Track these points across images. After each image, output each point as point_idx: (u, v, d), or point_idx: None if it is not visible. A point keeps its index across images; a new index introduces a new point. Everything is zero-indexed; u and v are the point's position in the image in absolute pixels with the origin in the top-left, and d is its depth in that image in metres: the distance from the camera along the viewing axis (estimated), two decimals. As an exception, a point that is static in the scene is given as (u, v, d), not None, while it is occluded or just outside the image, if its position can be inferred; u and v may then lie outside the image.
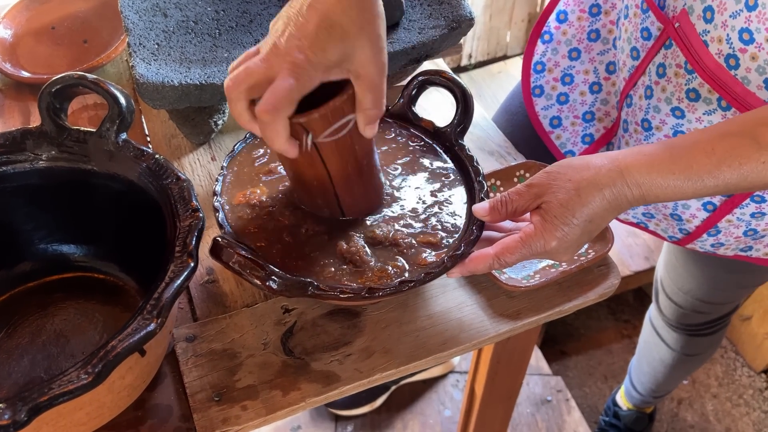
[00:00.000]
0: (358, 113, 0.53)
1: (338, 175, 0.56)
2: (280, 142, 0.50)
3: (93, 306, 0.64)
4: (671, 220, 0.79)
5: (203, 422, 0.56)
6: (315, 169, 0.56)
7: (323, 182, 0.57)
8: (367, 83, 0.51)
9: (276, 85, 0.48)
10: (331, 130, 0.52)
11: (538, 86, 0.88)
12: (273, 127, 0.49)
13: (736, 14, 0.59)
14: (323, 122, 0.51)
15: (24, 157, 0.60)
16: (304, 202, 0.61)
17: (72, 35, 0.93)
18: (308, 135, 0.51)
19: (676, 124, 0.70)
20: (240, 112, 0.50)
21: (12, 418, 0.41)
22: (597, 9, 0.82)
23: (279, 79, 0.48)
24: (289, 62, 0.48)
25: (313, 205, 0.60)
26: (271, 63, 0.48)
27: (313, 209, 0.60)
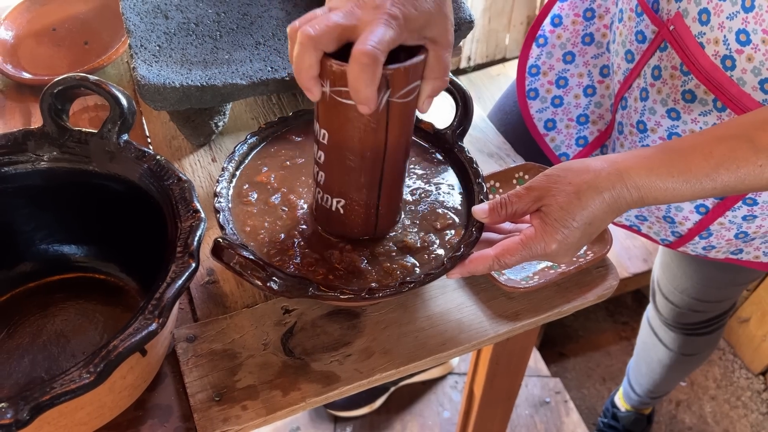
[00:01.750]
0: (425, 81, 0.52)
1: (392, 148, 0.54)
2: (371, 90, 0.47)
3: (94, 306, 0.64)
4: (664, 223, 0.80)
5: (203, 422, 0.56)
6: (375, 136, 0.52)
7: (377, 155, 0.54)
8: (441, 52, 0.51)
9: (375, 31, 0.46)
10: (406, 91, 0.50)
11: (532, 89, 0.88)
12: (371, 71, 0.46)
13: (733, 16, 0.60)
14: (404, 79, 0.49)
15: (25, 158, 0.60)
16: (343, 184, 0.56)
17: (73, 37, 0.93)
18: (387, 91, 0.49)
19: (671, 126, 0.70)
20: (312, 63, 0.47)
21: (14, 417, 0.42)
22: (591, 13, 0.82)
23: (374, 26, 0.46)
24: (384, 13, 0.46)
25: (352, 186, 0.56)
26: (360, 16, 0.47)
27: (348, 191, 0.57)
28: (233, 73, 0.69)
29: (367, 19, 0.47)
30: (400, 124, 0.53)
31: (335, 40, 0.47)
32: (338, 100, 0.50)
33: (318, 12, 0.48)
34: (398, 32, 0.47)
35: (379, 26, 0.46)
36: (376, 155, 0.54)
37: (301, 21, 0.48)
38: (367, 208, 0.58)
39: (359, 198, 0.57)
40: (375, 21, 0.46)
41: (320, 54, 0.47)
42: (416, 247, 0.60)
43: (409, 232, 0.61)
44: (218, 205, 0.59)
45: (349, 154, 0.54)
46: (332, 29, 0.46)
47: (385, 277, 0.57)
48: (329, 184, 0.57)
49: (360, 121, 0.51)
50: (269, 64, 0.71)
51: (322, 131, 0.54)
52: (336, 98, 0.50)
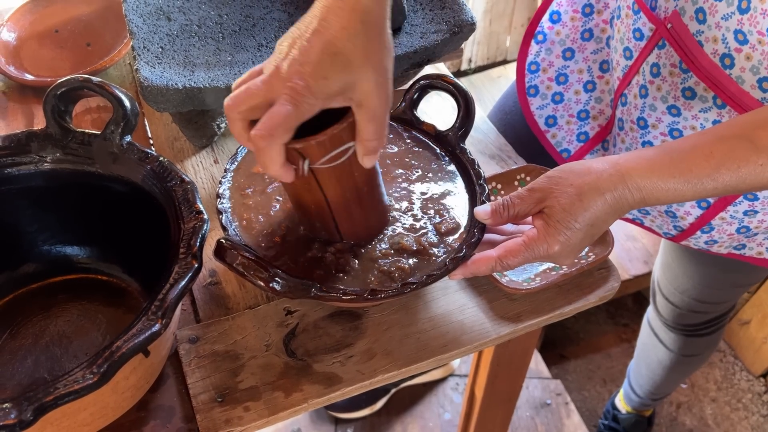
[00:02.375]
0: (357, 143, 0.51)
1: (336, 200, 0.56)
2: (275, 168, 0.49)
3: (96, 307, 0.64)
4: (666, 217, 0.80)
5: (206, 423, 0.56)
6: (312, 195, 0.55)
7: (320, 207, 0.56)
8: (369, 114, 0.49)
9: (273, 111, 0.46)
10: (329, 157, 0.51)
11: (532, 86, 0.89)
12: (267, 153, 0.48)
13: (728, 16, 0.60)
14: (321, 149, 0.50)
15: (29, 159, 0.60)
16: (303, 224, 0.60)
17: (75, 38, 0.94)
18: (305, 161, 0.50)
19: (672, 122, 0.71)
20: (239, 132, 0.49)
21: (18, 417, 0.42)
22: (590, 9, 0.83)
23: (278, 104, 0.46)
24: (290, 88, 0.46)
25: (312, 228, 0.60)
26: (272, 86, 0.47)
27: (312, 232, 0.60)
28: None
29: (277, 92, 0.47)
30: (335, 182, 0.54)
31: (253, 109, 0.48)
32: None
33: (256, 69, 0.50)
34: (303, 107, 0.47)
35: (280, 104, 0.46)
36: (320, 208, 0.57)
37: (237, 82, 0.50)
38: (331, 238, 0.60)
39: (320, 234, 0.60)
40: (281, 96, 0.46)
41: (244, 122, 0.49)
42: (414, 249, 0.60)
43: (408, 234, 0.61)
44: (221, 206, 0.60)
45: (297, 205, 0.59)
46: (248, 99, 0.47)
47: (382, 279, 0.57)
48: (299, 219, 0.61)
49: (294, 184, 0.54)
50: (271, 66, 0.72)
51: None
52: None
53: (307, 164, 0.51)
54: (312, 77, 0.46)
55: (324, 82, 0.47)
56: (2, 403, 0.42)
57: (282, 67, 0.47)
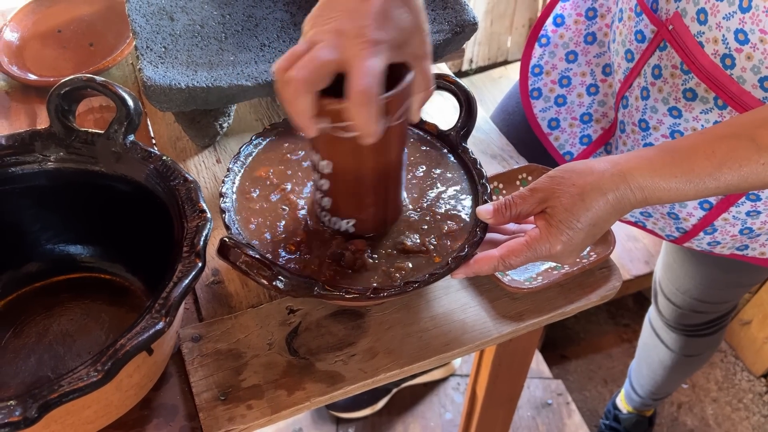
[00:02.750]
0: (414, 95, 0.53)
1: (394, 165, 0.56)
2: (375, 125, 0.47)
3: (99, 306, 0.64)
4: (668, 219, 0.80)
5: (209, 421, 0.56)
6: (379, 159, 0.54)
7: (382, 175, 0.56)
8: (423, 64, 0.52)
9: (365, 65, 0.45)
10: (401, 112, 0.52)
11: (536, 89, 0.89)
12: (371, 108, 0.46)
13: (730, 16, 0.60)
14: (399, 103, 0.51)
15: (32, 158, 0.61)
16: (351, 207, 0.58)
17: (78, 38, 0.94)
18: (386, 118, 0.50)
19: (673, 124, 0.71)
20: (307, 107, 0.47)
21: (23, 414, 0.42)
22: (593, 13, 0.83)
23: (361, 60, 0.45)
24: (368, 42, 0.46)
25: (360, 207, 0.58)
26: (343, 47, 0.46)
27: (357, 213, 0.58)
28: (239, 74, 0.70)
29: (353, 50, 0.46)
30: (398, 142, 0.55)
31: (326, 77, 0.47)
32: (340, 135, 0.51)
33: (298, 50, 0.47)
34: (385, 57, 0.47)
35: (367, 58, 0.46)
36: (381, 175, 0.56)
37: (287, 62, 0.47)
38: (375, 221, 0.60)
39: (368, 215, 0.59)
40: (361, 52, 0.46)
41: (313, 95, 0.47)
42: (416, 249, 0.60)
43: (411, 233, 0.61)
44: (224, 205, 0.60)
45: (354, 180, 0.56)
46: (320, 69, 0.46)
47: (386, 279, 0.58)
48: (337, 208, 0.59)
49: (363, 149, 0.52)
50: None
51: (323, 162, 0.55)
52: (336, 134, 0.51)
53: (386, 121, 0.50)
54: (384, 31, 0.47)
55: (396, 34, 0.48)
56: (7, 400, 0.42)
57: (348, 27, 0.46)
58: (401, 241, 0.60)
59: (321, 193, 0.58)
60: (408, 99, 0.52)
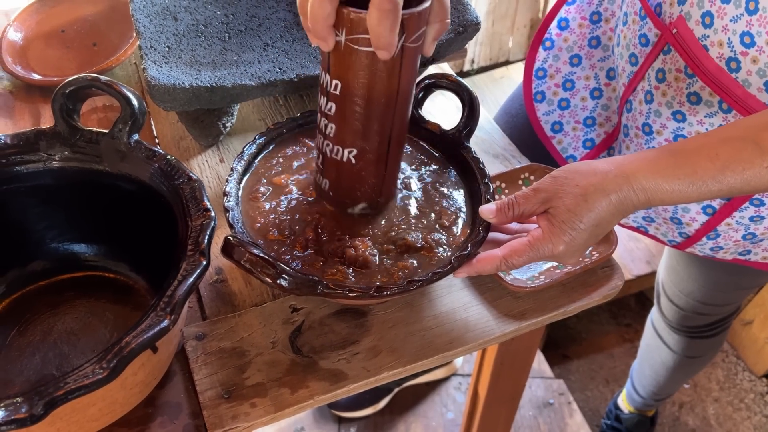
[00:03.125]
0: (430, 25, 0.53)
1: (404, 91, 0.56)
2: (393, 35, 0.49)
3: (103, 305, 0.65)
4: (671, 224, 0.80)
5: (213, 419, 0.56)
6: (390, 80, 0.54)
7: (390, 100, 0.55)
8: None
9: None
10: (417, 35, 0.52)
11: (539, 92, 0.89)
12: (393, 17, 0.47)
13: (737, 18, 0.60)
14: (417, 23, 0.51)
15: (37, 157, 0.61)
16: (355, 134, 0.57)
17: (81, 38, 0.94)
18: (402, 36, 0.51)
19: (677, 128, 0.71)
20: (328, 13, 0.49)
21: (29, 411, 0.42)
22: (597, 17, 0.83)
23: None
24: None
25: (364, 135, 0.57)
26: None
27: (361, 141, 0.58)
28: (242, 74, 0.70)
29: None
30: (410, 68, 0.54)
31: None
32: (354, 48, 0.51)
33: None
34: None
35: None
36: (389, 100, 0.55)
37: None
38: (378, 158, 0.59)
39: (371, 146, 0.58)
40: None
41: (336, 3, 0.48)
42: (419, 247, 0.60)
43: (413, 231, 0.61)
44: (227, 204, 0.60)
45: (362, 102, 0.55)
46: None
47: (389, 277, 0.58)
48: (341, 134, 0.58)
49: (376, 67, 0.52)
50: (277, 66, 0.72)
51: (334, 82, 0.55)
52: (352, 46, 0.51)
53: (403, 39, 0.51)
54: None
55: None
56: (14, 397, 0.43)
57: None
58: (404, 239, 0.60)
59: (326, 119, 0.58)
60: (425, 25, 0.52)
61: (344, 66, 0.53)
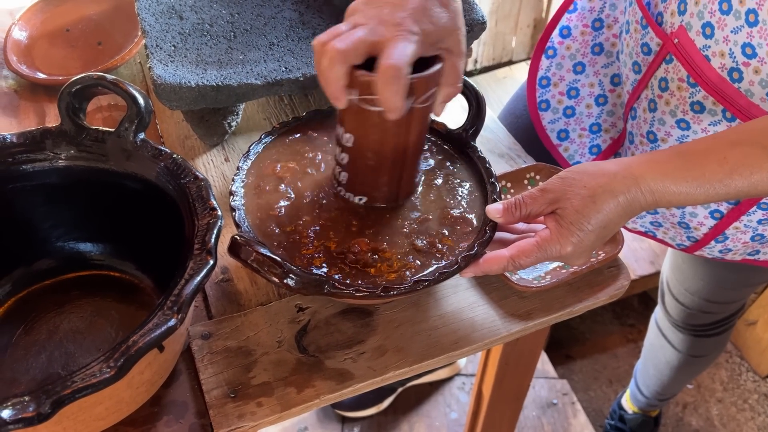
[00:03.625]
0: (441, 88, 0.56)
1: (412, 148, 0.59)
2: (399, 99, 0.51)
3: (109, 304, 0.64)
4: (679, 228, 0.80)
5: (219, 418, 0.56)
6: (398, 139, 0.57)
7: (398, 156, 0.58)
8: (455, 60, 0.55)
9: (398, 46, 0.50)
10: (426, 97, 0.55)
11: (544, 100, 0.89)
12: (400, 83, 0.50)
13: (737, 30, 0.60)
14: (425, 86, 0.54)
15: (43, 156, 0.61)
16: (365, 184, 0.61)
17: (86, 37, 0.94)
18: (411, 98, 0.53)
19: (681, 136, 0.71)
20: (341, 75, 0.51)
21: (36, 410, 0.42)
22: (600, 23, 0.83)
23: (396, 42, 0.50)
24: (405, 31, 0.51)
25: (374, 185, 0.61)
26: (382, 33, 0.51)
27: (371, 190, 0.61)
28: (248, 73, 0.70)
29: (390, 35, 0.50)
30: (419, 126, 0.58)
31: (361, 54, 0.51)
32: (365, 107, 0.54)
33: (342, 27, 0.52)
34: (418, 46, 0.51)
35: (402, 42, 0.50)
36: (397, 156, 0.59)
37: (328, 36, 0.52)
38: (388, 201, 0.62)
39: (380, 194, 0.62)
40: (397, 37, 0.50)
41: (348, 66, 0.51)
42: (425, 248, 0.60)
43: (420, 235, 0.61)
44: (234, 203, 0.60)
45: (373, 156, 0.59)
46: (359, 44, 0.50)
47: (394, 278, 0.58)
48: (352, 184, 0.61)
49: (385, 125, 0.55)
50: (283, 65, 0.72)
51: (346, 135, 0.58)
52: (363, 106, 0.54)
53: (411, 101, 0.54)
54: (423, 23, 0.52)
55: (432, 29, 0.53)
56: (21, 396, 0.43)
57: (389, 17, 0.51)
58: (410, 241, 0.60)
59: (339, 168, 0.61)
60: (435, 87, 0.55)
61: (356, 122, 0.57)
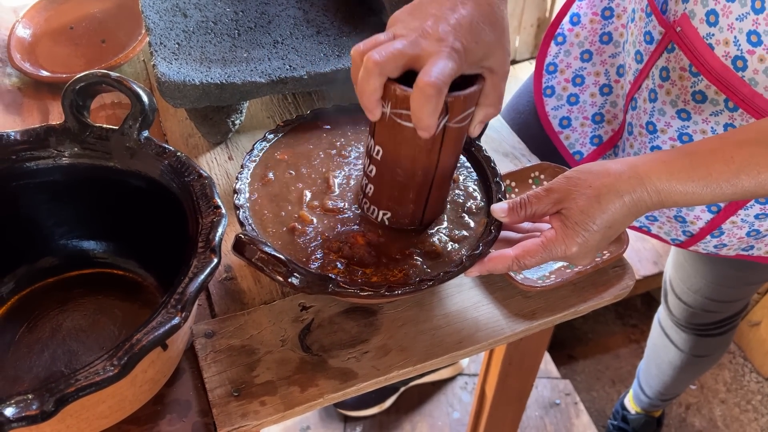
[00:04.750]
0: (479, 108, 0.54)
1: (442, 168, 0.57)
2: (433, 119, 0.49)
3: (112, 302, 0.64)
4: (675, 222, 0.80)
5: (222, 417, 0.56)
6: (429, 158, 0.55)
7: (428, 174, 0.56)
8: (497, 81, 0.53)
9: (439, 63, 0.48)
10: (462, 117, 0.53)
11: (549, 86, 0.89)
12: (435, 101, 0.48)
13: (743, 17, 0.60)
14: (462, 106, 0.52)
15: (47, 153, 0.61)
16: (391, 199, 0.59)
17: (90, 35, 0.94)
18: (445, 117, 0.52)
19: (681, 126, 0.70)
20: (376, 87, 0.49)
21: (40, 408, 0.42)
22: (609, 12, 0.83)
23: (437, 58, 0.48)
24: (448, 47, 0.48)
25: (400, 201, 0.58)
26: (423, 47, 0.49)
27: (396, 206, 0.59)
28: (252, 71, 0.70)
29: (431, 50, 0.48)
30: (452, 146, 0.56)
31: (399, 67, 0.49)
32: (397, 121, 0.52)
33: (381, 37, 0.50)
34: (459, 64, 0.49)
35: (442, 58, 0.48)
36: (427, 174, 0.57)
37: (366, 45, 0.50)
38: (412, 219, 0.60)
39: (406, 212, 0.59)
40: (438, 53, 0.48)
41: (384, 78, 0.49)
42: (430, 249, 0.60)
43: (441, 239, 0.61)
44: (238, 201, 0.60)
45: (401, 172, 0.56)
46: (397, 57, 0.48)
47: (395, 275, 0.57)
48: (377, 197, 0.59)
49: (416, 142, 0.53)
50: (287, 63, 0.72)
51: (376, 147, 0.56)
52: (395, 120, 0.52)
53: (445, 120, 0.52)
54: (467, 39, 0.49)
55: (476, 46, 0.50)
56: (24, 394, 0.43)
57: (432, 30, 0.49)
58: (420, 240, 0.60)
59: (367, 179, 0.59)
60: (472, 106, 0.54)
61: (387, 136, 0.55)
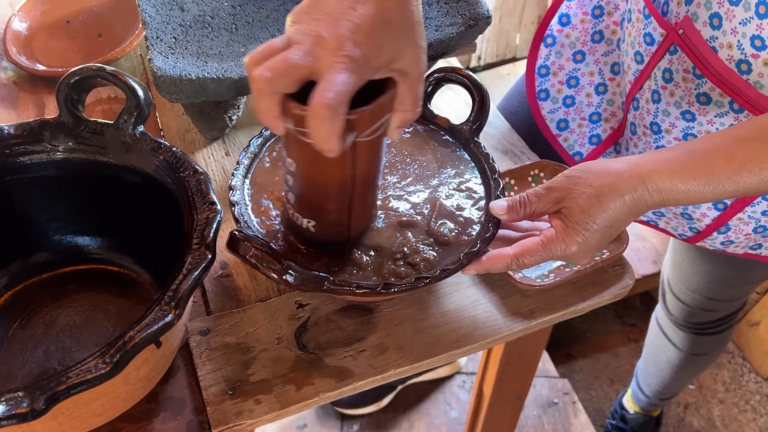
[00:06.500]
0: (395, 114, 0.50)
1: (361, 178, 0.53)
2: (333, 140, 0.44)
3: (107, 298, 0.64)
4: (681, 219, 0.79)
5: (217, 415, 0.56)
6: (342, 171, 0.51)
7: (345, 186, 0.53)
8: (412, 83, 0.48)
9: (334, 79, 0.43)
10: (372, 129, 0.49)
11: (543, 90, 0.88)
12: (330, 123, 0.43)
13: (746, 21, 0.59)
14: (369, 120, 0.48)
15: (41, 148, 0.60)
16: (312, 209, 0.56)
17: (86, 29, 0.93)
18: (352, 133, 0.47)
19: (686, 127, 0.70)
20: (271, 107, 0.45)
21: (30, 406, 0.41)
22: (600, 11, 0.82)
23: (333, 73, 0.43)
24: (344, 57, 0.43)
25: (321, 211, 0.56)
26: (319, 56, 0.43)
27: (317, 216, 0.56)
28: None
29: (327, 60, 0.43)
30: (367, 157, 0.52)
31: (295, 82, 0.44)
32: (302, 138, 0.48)
33: (277, 44, 0.45)
34: (359, 75, 0.44)
35: (339, 72, 0.43)
36: (343, 186, 0.53)
37: (260, 54, 0.45)
38: (338, 227, 0.57)
39: (330, 219, 0.56)
40: (334, 65, 0.43)
41: (278, 96, 0.45)
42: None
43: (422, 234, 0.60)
44: (233, 198, 0.59)
45: (317, 185, 0.53)
46: (289, 72, 0.44)
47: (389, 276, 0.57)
48: (300, 206, 0.56)
49: (326, 158, 0.48)
50: (285, 58, 0.71)
51: (289, 160, 0.53)
52: (299, 137, 0.48)
53: (352, 137, 0.47)
54: (367, 45, 0.44)
55: (378, 51, 0.45)
56: (15, 391, 0.42)
57: (327, 36, 0.44)
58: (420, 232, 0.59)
59: (287, 188, 0.56)
60: (384, 116, 0.49)
61: (296, 151, 0.51)
